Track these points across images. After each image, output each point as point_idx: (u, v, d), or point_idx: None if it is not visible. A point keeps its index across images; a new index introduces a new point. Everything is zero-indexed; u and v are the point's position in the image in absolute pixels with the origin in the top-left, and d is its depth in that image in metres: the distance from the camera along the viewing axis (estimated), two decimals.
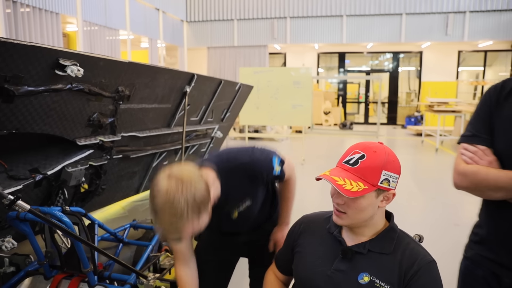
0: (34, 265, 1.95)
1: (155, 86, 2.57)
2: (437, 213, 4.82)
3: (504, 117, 1.25)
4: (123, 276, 1.94)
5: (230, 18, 13.97)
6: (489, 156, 1.25)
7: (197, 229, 1.27)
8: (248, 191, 1.57)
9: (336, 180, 1.14)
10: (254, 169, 1.52)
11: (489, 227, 1.32)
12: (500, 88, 1.29)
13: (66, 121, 2.03)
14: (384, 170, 1.14)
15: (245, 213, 1.63)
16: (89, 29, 8.73)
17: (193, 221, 1.22)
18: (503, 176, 1.18)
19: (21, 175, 1.95)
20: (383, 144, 1.22)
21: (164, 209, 1.17)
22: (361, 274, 1.18)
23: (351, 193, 1.11)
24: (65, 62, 1.73)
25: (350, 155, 1.19)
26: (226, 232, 1.79)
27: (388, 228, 1.24)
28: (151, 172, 3.23)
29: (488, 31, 12.57)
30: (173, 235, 1.24)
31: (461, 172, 1.27)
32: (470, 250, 1.40)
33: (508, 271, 1.25)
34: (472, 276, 1.37)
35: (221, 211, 1.53)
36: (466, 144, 1.31)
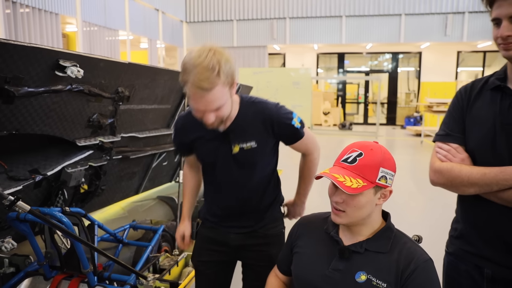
0: (34, 266, 1.95)
1: (155, 87, 2.58)
2: (436, 214, 4.83)
3: (473, 116, 1.32)
4: (122, 277, 1.95)
5: (230, 18, 13.99)
6: (462, 153, 1.32)
7: (223, 103, 1.35)
8: (257, 133, 1.54)
9: (337, 177, 1.16)
10: (272, 115, 1.54)
11: (466, 222, 1.37)
12: (470, 89, 1.36)
13: (66, 122, 2.04)
14: (381, 167, 1.18)
15: (246, 154, 1.54)
16: (88, 29, 8.74)
17: (223, 86, 1.32)
18: (475, 173, 1.24)
19: (21, 175, 1.96)
20: (378, 143, 1.25)
21: (198, 62, 1.27)
22: (358, 273, 1.20)
23: (352, 189, 1.14)
24: (65, 63, 1.73)
25: (348, 153, 1.23)
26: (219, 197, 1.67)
27: (385, 228, 1.26)
28: (150, 173, 3.23)
29: (487, 32, 12.58)
30: (204, 83, 1.28)
31: (436, 169, 1.34)
32: (452, 245, 1.44)
33: (489, 263, 1.29)
34: (455, 270, 1.41)
35: (224, 140, 1.53)
36: (440, 142, 1.38)
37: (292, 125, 1.57)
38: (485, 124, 1.28)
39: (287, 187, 1.81)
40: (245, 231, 1.67)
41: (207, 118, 1.38)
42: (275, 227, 1.72)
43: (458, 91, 1.41)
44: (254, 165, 1.59)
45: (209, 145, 1.58)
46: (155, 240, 2.43)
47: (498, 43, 1.21)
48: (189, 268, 2.37)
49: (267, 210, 1.70)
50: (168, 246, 2.73)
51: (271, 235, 1.70)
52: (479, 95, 1.33)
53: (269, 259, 1.65)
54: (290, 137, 1.62)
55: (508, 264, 1.25)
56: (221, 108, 1.38)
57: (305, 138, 1.64)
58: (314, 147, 1.72)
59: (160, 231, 2.51)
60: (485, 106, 1.29)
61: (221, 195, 1.67)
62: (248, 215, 1.67)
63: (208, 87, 1.29)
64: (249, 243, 1.67)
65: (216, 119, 1.40)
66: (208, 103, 1.33)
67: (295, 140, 1.63)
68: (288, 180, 2.35)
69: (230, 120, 1.51)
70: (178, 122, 1.69)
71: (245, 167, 1.58)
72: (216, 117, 1.38)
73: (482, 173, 1.22)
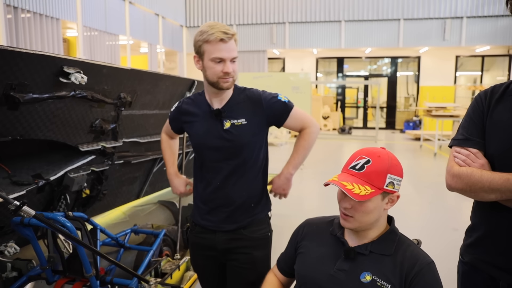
0: (37, 270, 1.97)
1: (156, 92, 2.61)
2: (435, 217, 4.85)
3: (495, 121, 1.30)
4: (125, 281, 1.96)
5: (229, 23, 14.05)
6: (481, 159, 1.29)
7: (237, 56, 1.61)
8: (247, 112, 1.66)
9: (345, 185, 1.19)
10: (260, 94, 1.70)
11: (483, 230, 1.35)
12: (490, 93, 1.34)
13: (69, 128, 2.06)
14: (388, 174, 1.20)
15: (236, 130, 1.64)
16: (89, 34, 8.78)
17: (235, 42, 1.59)
18: (498, 178, 1.21)
19: (24, 180, 1.98)
20: (385, 149, 1.27)
21: (215, 23, 1.56)
22: (363, 273, 1.22)
23: (360, 196, 1.17)
24: (69, 70, 1.76)
25: (356, 160, 1.25)
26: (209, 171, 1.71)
27: (389, 231, 1.29)
28: (151, 177, 3.25)
29: (485, 36, 12.67)
30: (229, 30, 1.55)
31: (455, 174, 1.30)
32: (467, 254, 1.42)
33: (504, 273, 1.28)
34: (471, 280, 1.40)
35: (217, 118, 1.65)
36: (458, 147, 1.35)
37: (279, 99, 1.69)
38: (507, 129, 1.25)
39: None
40: (232, 229, 1.69)
41: (228, 67, 1.56)
42: (260, 230, 1.74)
43: (478, 96, 1.38)
44: (243, 144, 1.65)
45: (201, 125, 1.69)
46: (157, 244, 2.44)
47: None
48: (191, 272, 2.39)
49: (254, 209, 1.72)
50: (169, 251, 2.74)
51: (256, 238, 1.72)
52: (500, 100, 1.30)
53: (252, 261, 1.69)
54: (280, 112, 1.69)
55: None
56: (236, 62, 1.60)
57: (296, 112, 1.72)
58: (310, 122, 1.76)
59: (161, 236, 2.53)
60: (507, 111, 1.27)
61: (208, 183, 1.71)
62: (235, 210, 1.69)
63: (232, 33, 1.55)
64: (235, 246, 1.70)
65: (231, 73, 1.59)
66: (230, 50, 1.56)
67: (286, 113, 1.70)
68: None
69: (225, 100, 1.67)
70: (179, 103, 1.82)
71: (234, 147, 1.64)
72: (233, 70, 1.59)
73: (506, 179, 1.19)
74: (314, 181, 6.93)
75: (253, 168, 1.71)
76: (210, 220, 1.72)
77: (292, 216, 1.61)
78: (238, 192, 1.68)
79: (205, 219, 1.73)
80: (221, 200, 1.68)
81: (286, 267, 1.48)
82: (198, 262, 1.83)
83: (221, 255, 1.74)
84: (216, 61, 1.55)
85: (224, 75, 1.56)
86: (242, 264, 1.69)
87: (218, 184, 1.68)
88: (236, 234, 1.70)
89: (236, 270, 1.72)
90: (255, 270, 1.69)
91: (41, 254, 1.85)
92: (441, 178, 1.51)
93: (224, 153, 1.65)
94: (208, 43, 1.54)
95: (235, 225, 1.69)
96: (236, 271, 1.72)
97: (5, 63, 1.51)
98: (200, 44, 1.57)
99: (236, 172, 1.67)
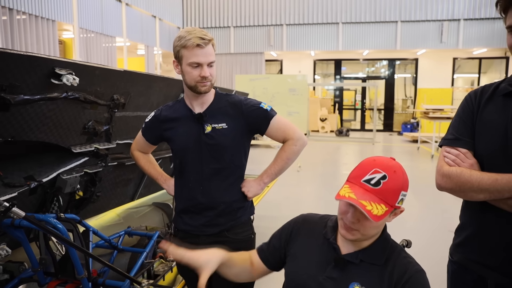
0: (28, 272, 1.96)
1: (150, 94, 2.60)
2: (432, 220, 4.85)
3: (484, 121, 1.30)
4: (117, 283, 1.95)
5: (227, 25, 14.08)
6: (471, 159, 1.30)
7: (214, 60, 1.63)
8: (228, 117, 1.69)
9: (365, 206, 1.12)
10: (241, 100, 1.73)
11: (472, 229, 1.36)
12: (480, 93, 1.34)
13: (62, 129, 2.05)
14: (402, 191, 1.16)
15: (217, 134, 1.66)
16: (85, 36, 8.78)
17: (213, 47, 1.62)
18: (486, 179, 1.22)
19: (16, 182, 1.97)
20: (395, 160, 1.23)
21: (192, 29, 1.59)
22: (352, 283, 1.21)
23: (378, 217, 1.12)
24: (60, 71, 1.75)
25: (370, 174, 1.18)
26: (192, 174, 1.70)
27: (381, 238, 1.26)
28: (146, 180, 3.24)
29: (482, 39, 12.73)
30: (207, 35, 1.58)
31: (445, 174, 1.31)
32: (457, 253, 1.43)
33: (493, 273, 1.28)
34: (460, 279, 1.40)
35: (198, 123, 1.68)
36: (448, 147, 1.36)
37: (260, 107, 1.71)
38: (496, 129, 1.26)
39: (280, 195, 1.81)
40: (215, 233, 1.70)
41: (205, 71, 1.59)
42: (243, 232, 1.75)
43: (468, 95, 1.39)
44: (224, 148, 1.66)
45: (183, 129, 1.71)
46: (150, 246, 2.43)
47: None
48: None
49: (236, 212, 1.72)
50: (163, 253, 2.73)
51: (240, 240, 1.72)
52: (490, 100, 1.31)
53: None
54: (260, 119, 1.70)
55: (510, 274, 1.24)
56: (213, 67, 1.63)
57: (279, 122, 1.72)
58: (294, 134, 1.74)
59: (155, 237, 2.52)
60: (497, 111, 1.28)
61: (190, 188, 1.71)
62: (218, 214, 1.69)
63: (209, 38, 1.58)
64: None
65: (209, 78, 1.61)
66: (207, 55, 1.59)
67: (266, 121, 1.70)
68: (282, 187, 2.36)
69: (207, 105, 1.70)
70: (158, 112, 1.83)
71: (215, 150, 1.66)
72: (210, 74, 1.61)
73: (494, 179, 1.20)
74: (311, 184, 6.94)
75: (235, 173, 1.72)
76: (193, 225, 1.72)
77: (289, 218, 1.59)
78: (220, 196, 1.69)
79: (187, 224, 1.74)
80: (203, 204, 1.69)
81: (272, 258, 1.43)
82: (184, 267, 1.80)
83: None
84: (193, 66, 1.59)
85: (201, 79, 1.60)
86: None
87: (200, 189, 1.69)
88: (219, 237, 1.70)
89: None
90: None
91: (33, 256, 1.84)
92: None
93: (206, 156, 1.67)
94: (186, 49, 1.58)
95: (218, 228, 1.70)
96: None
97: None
98: (178, 49, 1.60)
99: (218, 176, 1.69)
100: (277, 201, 5.39)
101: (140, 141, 1.93)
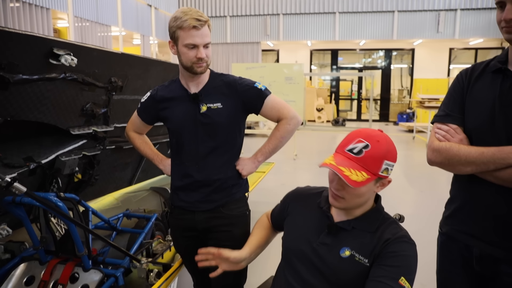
0: (30, 251, 1.99)
1: (147, 77, 2.62)
2: (426, 206, 4.92)
3: (473, 97, 1.35)
4: (117, 261, 1.99)
5: (223, 14, 13.99)
6: (460, 134, 1.35)
7: (210, 41, 1.63)
8: (223, 96, 1.71)
9: (343, 171, 1.18)
10: (236, 79, 1.75)
11: (459, 201, 1.42)
12: (471, 71, 1.39)
13: (60, 110, 2.07)
14: (385, 160, 1.21)
15: (212, 113, 1.68)
16: (80, 25, 8.71)
17: (208, 28, 1.62)
18: (473, 152, 1.27)
19: (16, 163, 1.99)
20: (383, 131, 1.27)
21: (189, 9, 1.60)
22: (343, 248, 1.26)
23: (357, 183, 1.17)
24: (59, 52, 1.77)
25: (354, 143, 1.23)
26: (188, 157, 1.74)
27: (374, 209, 1.32)
28: (143, 164, 3.27)
29: (478, 29, 12.73)
30: (202, 16, 1.58)
31: (435, 148, 1.36)
32: (445, 225, 1.49)
33: (478, 241, 1.34)
34: (448, 249, 1.46)
35: (194, 102, 1.70)
36: (439, 123, 1.41)
37: (255, 86, 1.72)
38: (484, 105, 1.29)
39: (276, 182, 1.84)
40: (210, 208, 1.74)
41: (201, 53, 1.60)
42: (238, 208, 1.79)
43: (459, 73, 1.43)
44: (219, 127, 1.69)
45: (178, 109, 1.73)
46: (148, 227, 2.47)
47: (501, 26, 1.22)
48: None
49: (231, 189, 1.76)
50: (161, 235, 2.76)
51: (235, 215, 1.77)
52: (479, 77, 1.35)
53: (233, 238, 1.73)
54: (254, 98, 1.72)
55: (494, 243, 1.29)
56: (209, 48, 1.64)
57: (273, 101, 1.74)
58: (288, 113, 1.76)
59: (153, 219, 2.55)
60: (486, 87, 1.31)
61: (186, 166, 1.75)
62: (212, 191, 1.73)
63: (205, 19, 1.59)
64: (214, 224, 1.75)
65: (205, 59, 1.62)
66: (203, 36, 1.60)
67: (260, 100, 1.72)
68: (278, 175, 2.40)
69: (202, 85, 1.72)
70: (153, 91, 1.86)
71: (210, 129, 1.69)
72: (206, 55, 1.62)
73: (480, 152, 1.25)
74: (307, 171, 6.98)
75: (230, 151, 1.76)
76: (188, 202, 1.76)
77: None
78: (215, 174, 1.72)
79: (183, 201, 1.78)
80: (199, 182, 1.73)
81: (275, 221, 1.58)
82: (180, 243, 1.88)
83: (202, 234, 1.79)
84: (189, 47, 1.59)
85: (197, 60, 1.61)
86: (223, 242, 1.72)
87: (196, 167, 1.72)
88: (215, 212, 1.74)
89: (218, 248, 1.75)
90: (236, 247, 1.72)
91: (34, 235, 1.86)
92: (433, 168, 1.55)
93: (201, 135, 1.70)
94: (182, 30, 1.58)
95: (213, 204, 1.74)
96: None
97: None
98: (174, 30, 1.61)
99: (213, 154, 1.72)
100: (274, 188, 5.44)
101: (135, 121, 1.96)
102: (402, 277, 1.14)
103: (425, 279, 1.96)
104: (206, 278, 1.85)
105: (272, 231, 1.62)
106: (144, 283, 1.98)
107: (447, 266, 1.47)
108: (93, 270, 1.86)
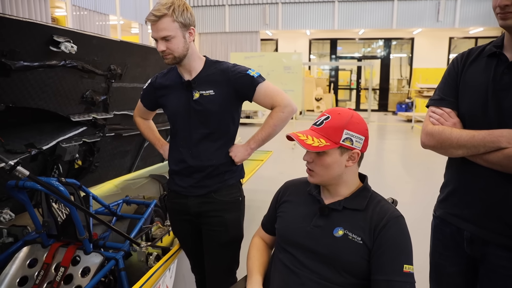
0: (32, 235, 2.04)
1: (147, 65, 2.64)
2: (423, 194, 4.98)
3: (466, 81, 1.37)
4: (117, 245, 2.04)
5: (222, 3, 13.90)
6: (454, 118, 1.38)
7: (171, 35, 1.59)
8: (216, 83, 1.72)
9: (299, 136, 1.30)
10: (229, 66, 1.75)
11: (452, 185, 1.45)
12: (466, 55, 1.41)
13: (61, 97, 2.10)
14: (345, 130, 1.28)
15: (204, 100, 1.71)
16: (78, 13, 8.67)
17: (173, 21, 1.57)
18: (465, 135, 1.30)
19: (17, 149, 2.03)
20: (353, 110, 1.35)
21: (160, 1, 1.59)
22: (336, 228, 1.31)
23: (313, 147, 1.26)
24: (59, 39, 1.80)
25: (319, 117, 1.35)
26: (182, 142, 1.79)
27: (361, 188, 1.37)
28: (142, 152, 3.31)
29: (479, 18, 12.67)
30: (155, 12, 1.56)
31: (428, 132, 1.40)
32: (439, 209, 1.53)
33: (468, 224, 1.38)
34: (441, 232, 1.50)
35: (187, 90, 1.73)
36: (434, 107, 1.44)
37: (247, 74, 1.73)
38: (478, 89, 1.32)
39: (275, 170, 1.87)
40: (202, 194, 1.78)
41: (158, 46, 1.62)
42: (230, 194, 1.82)
43: (455, 58, 1.46)
44: (211, 114, 1.72)
45: (173, 96, 1.79)
46: (148, 212, 2.52)
47: (496, 12, 1.23)
48: None
49: (224, 175, 1.80)
50: (160, 221, 2.82)
51: (227, 201, 1.81)
52: (474, 61, 1.36)
53: (224, 224, 1.78)
54: (246, 85, 1.72)
55: (485, 226, 1.33)
56: (171, 40, 1.61)
57: (266, 88, 1.73)
58: (282, 101, 1.75)
59: (152, 205, 2.60)
60: (480, 72, 1.33)
61: (180, 151, 1.80)
62: (205, 176, 1.77)
63: (157, 14, 1.56)
64: (206, 209, 1.79)
65: (167, 51, 1.63)
66: (158, 30, 1.59)
67: (252, 87, 1.72)
68: (276, 163, 2.44)
69: (195, 72, 1.74)
70: (153, 79, 1.92)
71: (202, 116, 1.72)
72: (167, 48, 1.62)
73: (471, 136, 1.27)
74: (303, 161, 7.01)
75: (223, 138, 1.79)
76: (182, 186, 1.81)
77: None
78: (208, 160, 1.76)
79: (177, 185, 1.83)
80: (192, 167, 1.77)
81: (269, 226, 1.58)
82: (176, 226, 1.97)
83: (195, 218, 1.84)
84: (154, 40, 1.65)
85: (161, 52, 1.65)
86: (214, 227, 1.79)
87: (190, 153, 1.77)
88: (207, 198, 1.79)
89: (209, 233, 1.81)
90: (227, 233, 1.79)
91: (36, 219, 1.91)
92: (430, 157, 1.59)
93: (194, 122, 1.74)
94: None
95: (206, 189, 1.78)
96: (209, 234, 1.81)
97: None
98: None
99: (206, 141, 1.75)
100: (272, 176, 5.49)
101: (140, 107, 2.03)
102: (405, 265, 1.23)
103: (419, 265, 2.01)
104: (201, 261, 1.91)
105: (270, 250, 1.62)
106: (144, 266, 2.04)
107: (440, 249, 1.51)
108: (94, 253, 1.91)
